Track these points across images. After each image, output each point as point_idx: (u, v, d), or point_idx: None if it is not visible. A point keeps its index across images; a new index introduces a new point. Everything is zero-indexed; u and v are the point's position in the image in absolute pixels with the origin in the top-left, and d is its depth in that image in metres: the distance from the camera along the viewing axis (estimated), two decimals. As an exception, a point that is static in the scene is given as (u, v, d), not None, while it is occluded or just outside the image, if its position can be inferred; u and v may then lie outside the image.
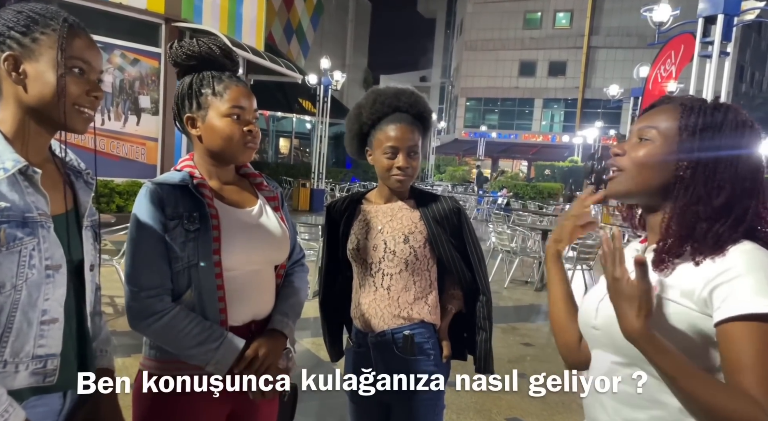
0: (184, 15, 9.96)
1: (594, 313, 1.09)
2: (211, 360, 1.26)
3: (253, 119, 1.38)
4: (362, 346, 1.75)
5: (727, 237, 0.95)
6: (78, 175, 1.17)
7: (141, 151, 9.54)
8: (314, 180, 14.69)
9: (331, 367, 3.74)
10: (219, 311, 1.31)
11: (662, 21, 7.73)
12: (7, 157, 0.99)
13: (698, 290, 0.93)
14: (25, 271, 0.98)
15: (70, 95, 1.03)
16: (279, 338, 1.39)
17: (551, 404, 3.38)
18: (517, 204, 16.32)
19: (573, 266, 6.79)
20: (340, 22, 36.33)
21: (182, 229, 1.30)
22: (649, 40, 11.38)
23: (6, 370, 0.98)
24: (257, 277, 1.41)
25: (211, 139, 1.37)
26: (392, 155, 1.67)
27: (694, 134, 1.00)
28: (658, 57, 11.19)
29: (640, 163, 1.03)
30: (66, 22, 1.05)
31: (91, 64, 1.07)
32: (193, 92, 1.38)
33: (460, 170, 29.77)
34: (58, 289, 1.04)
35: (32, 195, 1.01)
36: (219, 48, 1.38)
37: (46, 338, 1.03)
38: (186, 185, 1.33)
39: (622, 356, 1.01)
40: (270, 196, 1.51)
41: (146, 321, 1.26)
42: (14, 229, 0.97)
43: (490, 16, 34.25)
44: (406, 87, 1.77)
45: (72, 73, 1.04)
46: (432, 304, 1.71)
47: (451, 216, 1.71)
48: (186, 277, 1.30)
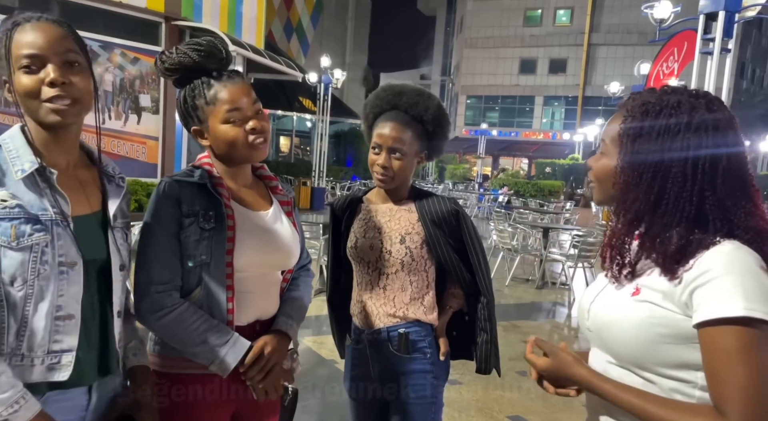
0: (184, 13, 9.94)
1: (587, 314, 1.10)
2: (215, 359, 1.26)
3: (254, 114, 1.34)
4: (360, 342, 1.75)
5: (684, 243, 0.93)
6: (110, 179, 1.21)
7: (142, 150, 9.53)
8: (315, 178, 14.69)
9: (332, 365, 3.71)
10: (227, 311, 1.31)
11: (663, 18, 7.71)
12: (26, 158, 1.05)
13: (678, 293, 0.92)
14: (36, 266, 1.02)
15: (27, 94, 1.04)
16: (283, 338, 1.39)
17: (553, 402, 3.38)
18: (518, 202, 16.33)
19: (574, 264, 6.79)
20: (340, 20, 36.30)
21: (197, 227, 1.29)
22: (649, 37, 11.35)
23: (23, 363, 1.03)
24: (265, 279, 1.41)
25: (218, 146, 1.36)
26: (377, 152, 1.66)
27: (631, 141, 0.99)
28: (660, 54, 11.15)
29: (597, 178, 1.08)
30: (15, 23, 1.05)
31: (39, 54, 1.03)
32: (188, 107, 1.36)
33: (460, 168, 29.77)
34: (73, 286, 1.07)
35: (50, 195, 1.06)
36: (198, 52, 1.32)
37: (62, 334, 1.06)
38: (204, 184, 1.32)
39: (614, 357, 1.03)
40: (284, 200, 1.51)
41: (154, 315, 1.26)
42: (25, 225, 1.02)
43: (490, 13, 34.21)
44: (418, 88, 1.71)
45: (23, 71, 1.03)
46: (428, 305, 1.70)
47: (449, 218, 1.68)
48: (197, 275, 1.30)
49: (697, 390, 0.93)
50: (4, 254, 1.01)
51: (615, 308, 1.02)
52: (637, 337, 0.96)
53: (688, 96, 0.98)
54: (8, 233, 1.01)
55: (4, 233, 1.01)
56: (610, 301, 1.04)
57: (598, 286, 1.11)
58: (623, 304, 1.00)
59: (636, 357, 0.97)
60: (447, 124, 1.72)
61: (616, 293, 1.03)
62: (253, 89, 1.37)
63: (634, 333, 0.97)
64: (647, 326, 0.95)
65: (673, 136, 0.96)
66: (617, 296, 1.03)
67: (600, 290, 1.09)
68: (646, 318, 0.95)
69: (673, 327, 0.93)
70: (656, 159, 0.96)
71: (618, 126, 1.02)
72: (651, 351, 0.95)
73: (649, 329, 0.95)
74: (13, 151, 1.06)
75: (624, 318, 0.99)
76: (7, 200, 1.02)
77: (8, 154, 1.05)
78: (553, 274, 7.69)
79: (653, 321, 0.95)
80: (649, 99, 1.00)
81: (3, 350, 1.02)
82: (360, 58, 40.02)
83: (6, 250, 1.01)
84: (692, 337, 0.91)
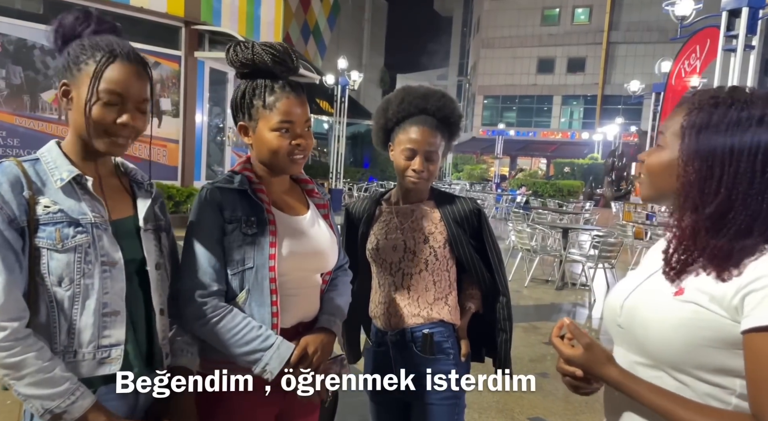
0: (204, 18, 10.06)
1: (619, 310, 1.06)
2: (260, 364, 1.27)
3: (303, 131, 1.37)
4: (382, 345, 1.75)
5: (743, 246, 0.89)
6: (140, 186, 1.28)
7: (162, 153, 9.67)
8: (332, 180, 14.75)
9: (351, 366, 3.73)
10: (272, 315, 1.32)
11: (684, 15, 7.59)
12: (64, 168, 1.14)
13: (729, 297, 0.88)
14: (81, 266, 1.10)
15: (99, 123, 1.12)
16: (328, 335, 1.40)
17: (574, 404, 3.35)
18: (537, 202, 16.20)
19: (595, 265, 6.71)
20: (357, 21, 36.40)
21: (240, 233, 1.32)
22: (670, 34, 11.19)
23: (75, 359, 1.10)
24: (305, 282, 1.43)
25: (260, 150, 1.38)
26: (410, 157, 1.67)
27: (693, 135, 0.94)
28: (681, 51, 10.99)
29: (650, 171, 1.03)
30: (112, 53, 1.13)
31: (124, 94, 1.13)
32: (245, 102, 1.38)
33: (478, 169, 29.63)
34: (117, 283, 1.14)
35: (88, 201, 1.14)
36: (274, 56, 1.35)
37: (109, 329, 1.13)
38: (245, 190, 1.35)
39: (646, 357, 0.99)
40: (320, 203, 1.53)
41: (199, 322, 1.28)
42: (68, 228, 1.10)
43: (507, 13, 34.00)
44: (436, 89, 1.75)
45: (104, 103, 1.12)
46: (452, 304, 1.71)
47: (471, 217, 1.70)
48: (240, 280, 1.32)
49: (734, 397, 0.90)
50: (50, 256, 1.08)
51: (655, 306, 0.97)
52: (678, 338, 0.92)
53: (759, 93, 0.94)
54: (53, 237, 1.08)
55: (50, 236, 1.08)
56: (649, 299, 1.00)
57: (632, 282, 1.07)
58: (665, 303, 0.96)
59: (673, 359, 0.94)
60: (460, 123, 1.79)
61: (657, 291, 0.99)
62: (308, 106, 1.40)
63: (674, 334, 0.93)
64: (690, 328, 0.91)
65: (744, 130, 0.90)
66: (658, 295, 0.98)
67: (635, 286, 1.05)
68: (689, 320, 0.92)
69: (718, 331, 0.89)
70: (723, 153, 0.91)
71: (682, 118, 0.97)
72: (691, 354, 0.92)
73: (692, 331, 0.91)
74: (51, 163, 1.14)
75: (665, 318, 0.95)
76: (50, 206, 1.10)
77: (47, 166, 1.14)
78: (573, 275, 7.61)
79: (697, 323, 0.91)
80: (719, 93, 0.96)
81: (56, 348, 1.08)
82: (376, 59, 40.08)
83: (52, 252, 1.08)
84: (737, 343, 0.88)
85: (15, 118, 8.26)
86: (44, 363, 1.04)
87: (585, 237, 8.86)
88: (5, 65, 8.21)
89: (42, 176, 1.12)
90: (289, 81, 1.39)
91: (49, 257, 1.08)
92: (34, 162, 1.14)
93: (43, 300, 1.08)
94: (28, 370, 1.03)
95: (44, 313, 1.08)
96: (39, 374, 1.03)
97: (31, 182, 1.09)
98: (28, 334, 1.04)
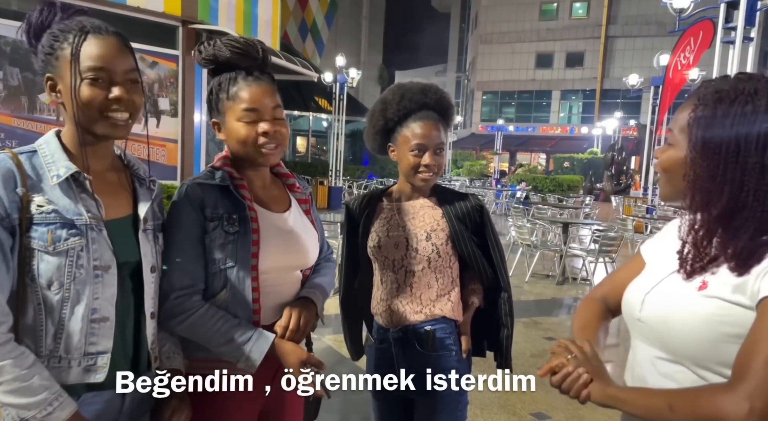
0: (201, 17, 10.03)
1: (639, 305, 1.04)
2: (241, 356, 1.26)
3: (270, 118, 1.33)
4: (384, 342, 1.75)
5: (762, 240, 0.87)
6: (142, 182, 1.24)
7: (161, 153, 9.66)
8: (332, 178, 14.74)
9: (352, 363, 3.72)
10: (253, 312, 1.32)
11: (683, 8, 7.57)
12: (61, 164, 1.08)
13: (751, 282, 0.87)
14: (72, 270, 1.05)
15: (90, 104, 1.07)
16: (309, 304, 1.38)
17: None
18: (536, 197, 16.18)
19: (595, 259, 6.71)
20: (355, 19, 36.34)
21: (222, 231, 1.29)
22: (669, 27, 11.17)
23: (60, 365, 1.06)
24: (287, 278, 1.42)
25: (230, 143, 1.37)
26: (419, 153, 1.66)
27: (702, 129, 0.92)
28: (677, 45, 10.97)
29: (664, 170, 1.02)
30: (82, 30, 1.08)
31: (107, 68, 1.08)
32: (213, 98, 1.38)
33: (477, 165, 29.60)
34: (108, 289, 1.10)
35: (85, 200, 1.09)
36: (234, 49, 1.33)
37: (97, 336, 1.09)
38: (227, 186, 1.33)
39: (667, 352, 0.98)
40: (302, 198, 1.51)
41: (175, 320, 1.27)
42: (61, 230, 1.05)
43: (505, 8, 33.92)
44: (430, 83, 1.75)
45: (90, 81, 1.07)
46: (455, 300, 1.70)
47: (473, 213, 1.70)
48: (222, 278, 1.30)
49: None
50: (41, 258, 1.04)
51: (679, 301, 0.96)
52: (701, 333, 0.91)
53: (765, 83, 0.91)
54: (45, 238, 1.04)
55: (41, 237, 1.04)
56: (673, 293, 0.98)
57: (654, 277, 1.05)
58: (689, 298, 0.94)
59: (695, 354, 0.93)
60: (454, 114, 1.83)
61: (681, 286, 0.97)
62: (278, 94, 1.37)
63: (697, 329, 0.92)
64: (714, 323, 0.90)
65: (750, 124, 0.88)
66: (682, 290, 0.97)
67: (658, 281, 1.03)
68: (712, 315, 0.90)
69: (741, 326, 0.88)
70: (729, 149, 0.89)
71: (687, 114, 0.95)
72: (714, 349, 0.90)
73: (715, 327, 0.90)
74: (49, 156, 1.09)
75: (689, 313, 0.93)
76: (44, 206, 1.05)
77: (44, 160, 1.08)
78: (573, 269, 7.61)
79: (720, 319, 0.90)
80: (723, 86, 0.93)
81: (41, 352, 1.05)
82: (375, 56, 40.02)
83: (43, 254, 1.04)
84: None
85: (13, 119, 8.25)
86: (22, 371, 0.99)
87: (585, 232, 8.86)
88: (2, 67, 8.19)
89: (39, 170, 1.07)
90: (255, 72, 1.36)
91: (39, 259, 1.04)
92: (31, 154, 1.08)
93: (31, 302, 1.04)
94: (5, 377, 0.98)
95: (31, 315, 1.04)
96: (15, 382, 0.99)
97: (26, 177, 1.04)
98: (8, 339, 1.00)
